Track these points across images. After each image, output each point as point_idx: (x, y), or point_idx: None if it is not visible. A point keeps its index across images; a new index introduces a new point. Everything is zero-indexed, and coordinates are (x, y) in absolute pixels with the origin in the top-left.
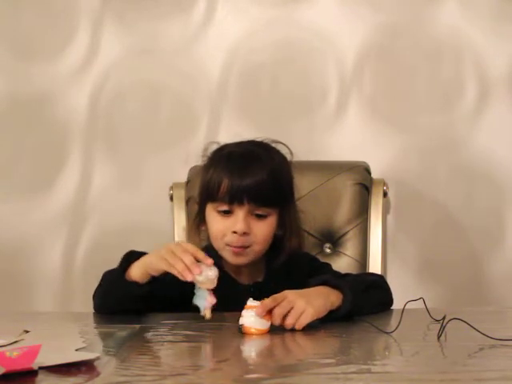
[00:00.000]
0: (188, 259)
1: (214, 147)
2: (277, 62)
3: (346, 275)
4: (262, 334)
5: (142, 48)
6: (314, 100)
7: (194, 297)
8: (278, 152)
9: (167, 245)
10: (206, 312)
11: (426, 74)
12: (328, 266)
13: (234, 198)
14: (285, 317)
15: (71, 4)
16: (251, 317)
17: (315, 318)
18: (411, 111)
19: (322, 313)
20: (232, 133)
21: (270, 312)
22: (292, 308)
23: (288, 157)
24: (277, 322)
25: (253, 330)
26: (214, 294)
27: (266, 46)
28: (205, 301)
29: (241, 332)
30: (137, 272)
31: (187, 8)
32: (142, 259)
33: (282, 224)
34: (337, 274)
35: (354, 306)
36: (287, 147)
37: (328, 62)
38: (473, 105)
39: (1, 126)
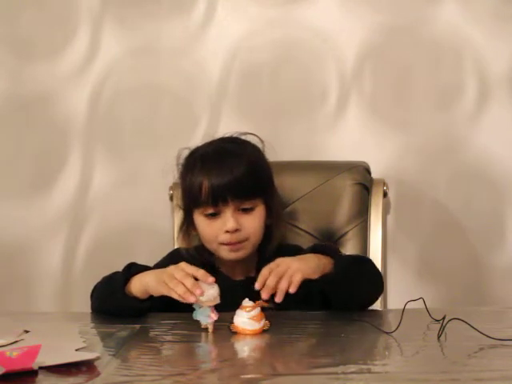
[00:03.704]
0: (189, 282)
1: (186, 153)
2: (277, 61)
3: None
4: (253, 334)
5: (142, 48)
6: (313, 100)
7: (194, 312)
8: (249, 143)
9: (168, 269)
10: (209, 327)
11: (426, 73)
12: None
13: (218, 199)
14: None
15: (71, 4)
16: (243, 317)
17: (309, 276)
18: (411, 111)
19: (315, 274)
20: (232, 133)
21: (262, 313)
22: (286, 272)
23: (259, 145)
24: (271, 285)
25: (245, 331)
26: (215, 309)
27: (266, 45)
28: (208, 317)
29: (231, 331)
30: (137, 289)
31: (187, 8)
32: (143, 278)
33: (269, 213)
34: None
35: (344, 271)
36: (257, 136)
37: (328, 62)
38: (473, 105)
39: (1, 126)
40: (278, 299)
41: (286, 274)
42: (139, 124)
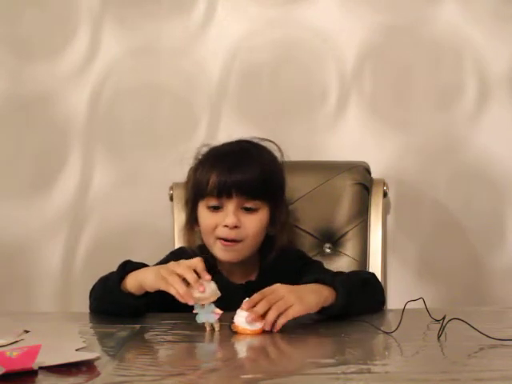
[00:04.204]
0: (191, 277)
1: (205, 150)
2: (277, 61)
3: (338, 273)
4: (253, 334)
5: (142, 48)
6: (314, 100)
7: (198, 316)
8: (266, 149)
9: (168, 264)
10: (216, 326)
11: (426, 73)
12: (319, 263)
13: (222, 192)
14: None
15: (71, 4)
16: (244, 317)
17: (302, 313)
18: (411, 111)
19: (313, 309)
20: (232, 132)
21: (263, 314)
22: (278, 301)
23: (277, 154)
24: (260, 312)
25: (245, 331)
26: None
27: (266, 45)
28: (213, 315)
29: (232, 331)
30: (133, 285)
31: (187, 8)
32: (139, 274)
33: (273, 222)
34: (328, 272)
35: (347, 303)
36: (275, 144)
37: (328, 62)
38: (473, 105)
39: (1, 126)
40: (268, 327)
41: (277, 305)
42: (139, 124)
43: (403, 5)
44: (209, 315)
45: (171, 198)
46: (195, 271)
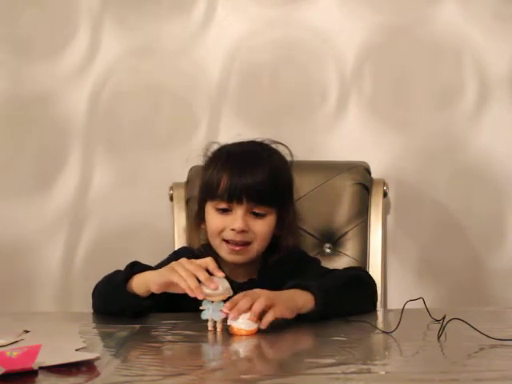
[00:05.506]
0: (202, 275)
1: (215, 147)
2: (277, 61)
3: (332, 271)
4: (249, 334)
5: (142, 48)
6: (314, 100)
7: (204, 312)
8: (277, 152)
9: (179, 260)
10: (218, 326)
11: (426, 73)
12: (316, 261)
13: (233, 196)
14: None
15: (71, 4)
16: (239, 318)
17: (283, 313)
18: (411, 111)
19: (288, 315)
20: (232, 133)
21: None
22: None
23: (288, 158)
24: (243, 308)
25: (241, 331)
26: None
27: (266, 46)
28: (220, 313)
29: (228, 333)
30: (139, 286)
31: (187, 8)
32: (146, 275)
33: (280, 224)
34: (322, 271)
35: (326, 308)
36: (287, 148)
37: (328, 62)
38: (473, 105)
39: (1, 126)
40: (253, 318)
41: (259, 300)
42: (139, 124)
43: (403, 5)
44: (216, 313)
45: (171, 198)
46: (207, 270)
